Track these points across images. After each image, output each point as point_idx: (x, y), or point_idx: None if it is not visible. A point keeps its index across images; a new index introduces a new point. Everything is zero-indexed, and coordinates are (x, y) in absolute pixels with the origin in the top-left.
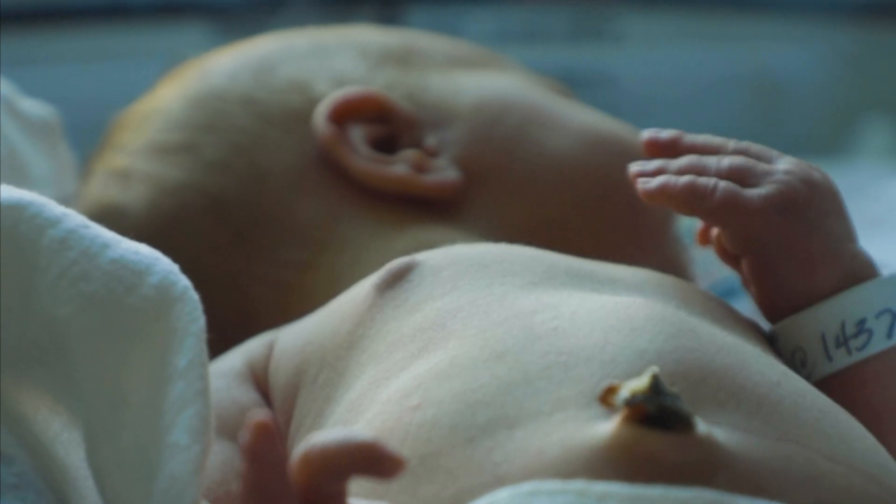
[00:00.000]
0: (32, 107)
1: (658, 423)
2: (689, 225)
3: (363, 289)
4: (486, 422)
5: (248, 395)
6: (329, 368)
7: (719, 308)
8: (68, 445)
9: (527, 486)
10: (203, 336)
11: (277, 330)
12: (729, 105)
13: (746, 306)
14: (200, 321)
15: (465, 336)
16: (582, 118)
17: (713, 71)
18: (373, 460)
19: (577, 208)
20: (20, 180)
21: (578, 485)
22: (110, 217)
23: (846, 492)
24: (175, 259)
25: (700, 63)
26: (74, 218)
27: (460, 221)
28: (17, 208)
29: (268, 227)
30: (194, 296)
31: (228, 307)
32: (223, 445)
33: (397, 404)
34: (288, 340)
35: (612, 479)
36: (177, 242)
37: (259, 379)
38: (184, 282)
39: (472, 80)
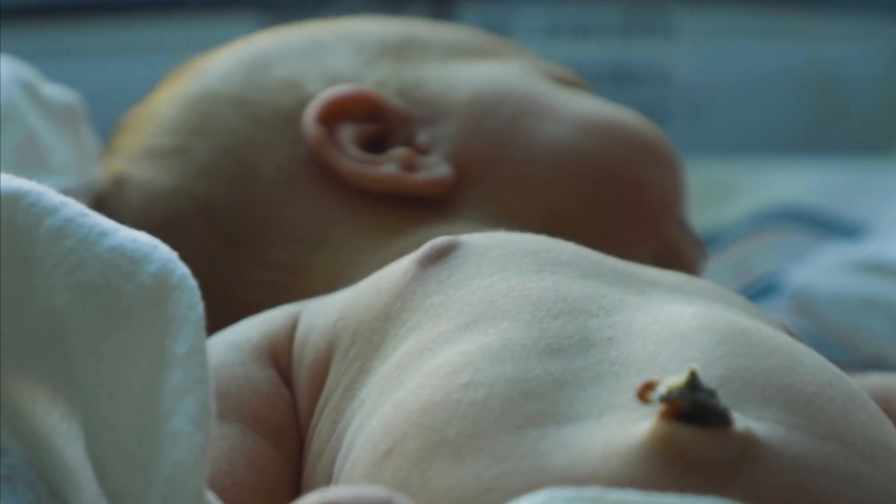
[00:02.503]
0: (55, 92)
1: (696, 419)
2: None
3: (402, 264)
4: (536, 413)
5: (263, 372)
6: (363, 341)
7: (753, 309)
8: (67, 436)
9: (542, 495)
10: (202, 323)
11: (298, 304)
12: (783, 101)
13: (782, 305)
14: (199, 308)
15: (519, 319)
16: (578, 106)
17: (766, 66)
18: None
19: (574, 197)
20: (40, 166)
21: (592, 492)
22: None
23: (884, 495)
24: None
25: (753, 58)
26: (73, 206)
27: (457, 217)
28: (15, 197)
29: (259, 231)
30: (193, 283)
31: (223, 311)
32: (232, 429)
33: (445, 379)
34: (317, 316)
35: (649, 475)
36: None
37: (278, 354)
38: (182, 269)
39: (469, 71)
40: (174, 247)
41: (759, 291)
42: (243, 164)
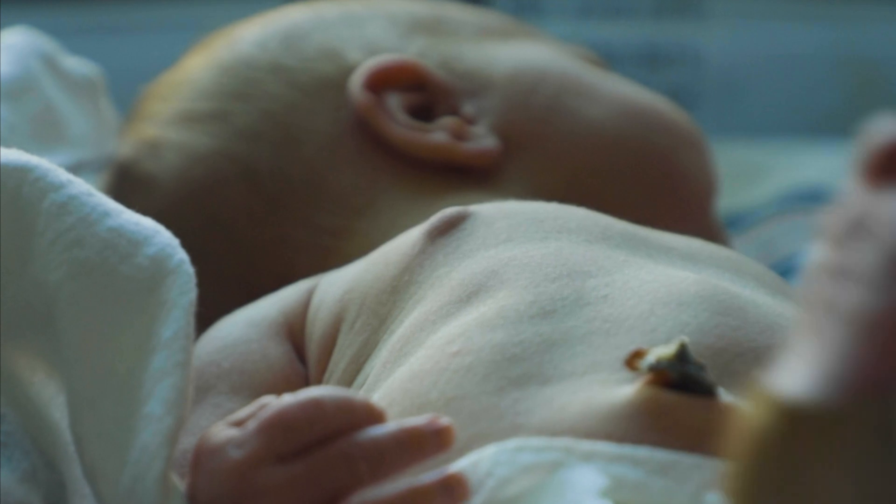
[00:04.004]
0: (75, 65)
1: (683, 391)
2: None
3: (411, 236)
4: (520, 375)
5: (279, 348)
6: (368, 313)
7: (774, 282)
8: (63, 409)
9: (512, 443)
10: (192, 310)
11: (314, 278)
12: (816, 83)
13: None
14: (191, 294)
15: (516, 287)
16: (618, 88)
17: (800, 48)
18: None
19: (613, 178)
20: (57, 137)
21: (565, 442)
22: (140, 187)
23: None
24: (209, 226)
25: (786, 39)
26: (79, 185)
27: (497, 189)
28: (23, 171)
29: (303, 194)
30: (189, 269)
31: (264, 273)
32: (244, 403)
33: (439, 349)
34: (327, 290)
35: (628, 435)
36: (210, 210)
37: (294, 330)
38: (181, 255)
39: (505, 49)
40: (216, 208)
41: (779, 273)
42: (286, 129)
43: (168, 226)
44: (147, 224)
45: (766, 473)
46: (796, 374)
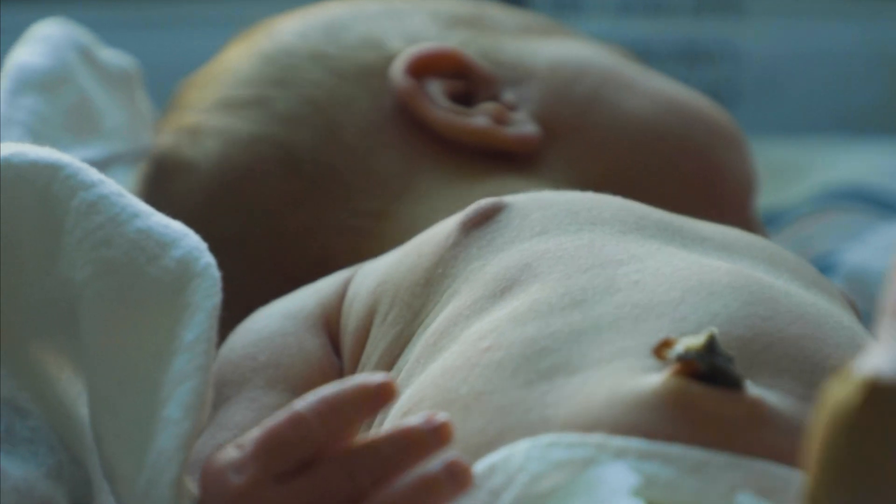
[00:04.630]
0: (111, 57)
1: (709, 382)
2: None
3: (445, 227)
4: (549, 367)
5: (315, 341)
6: (401, 306)
7: (810, 275)
8: None
9: (545, 438)
10: (216, 314)
11: (351, 269)
12: (859, 83)
13: (836, 284)
14: (215, 298)
15: (549, 280)
16: (659, 84)
17: (840, 45)
18: (368, 397)
19: (651, 171)
20: (91, 129)
21: (597, 438)
22: (181, 172)
23: None
24: (248, 211)
25: (827, 37)
26: (110, 185)
27: (536, 177)
28: (53, 168)
29: (342, 178)
30: (215, 273)
31: (302, 258)
32: (282, 398)
33: (471, 345)
34: (361, 282)
35: (656, 427)
36: (249, 194)
37: (331, 322)
38: (207, 258)
39: (546, 44)
40: (255, 192)
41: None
42: (326, 114)
43: (206, 211)
44: (176, 227)
45: (858, 453)
46: (885, 356)
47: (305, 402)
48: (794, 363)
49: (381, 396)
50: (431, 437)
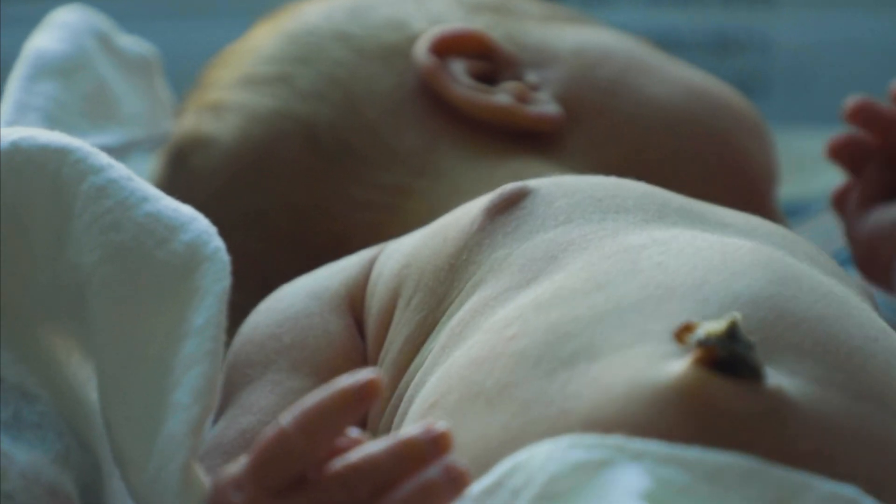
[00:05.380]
0: (130, 43)
1: (729, 369)
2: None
3: (470, 211)
4: (571, 354)
5: (340, 322)
6: (425, 291)
7: (828, 265)
8: None
9: (565, 441)
10: (225, 297)
11: (376, 248)
12: (890, 73)
13: (856, 276)
14: (225, 282)
15: (573, 269)
16: (682, 71)
17: (870, 35)
18: (353, 399)
19: (673, 157)
20: (109, 116)
21: (616, 440)
22: (201, 147)
23: None
24: (268, 185)
25: (859, 28)
26: (119, 170)
27: (557, 158)
28: (63, 152)
29: (363, 155)
30: (224, 257)
31: (322, 234)
32: (304, 382)
33: (496, 334)
34: (385, 263)
35: (672, 422)
36: (270, 170)
37: (355, 302)
38: (217, 242)
39: (571, 30)
40: (276, 167)
41: (841, 262)
42: (348, 91)
43: (227, 186)
44: (185, 210)
45: None
46: None
47: (289, 416)
48: (817, 345)
49: (366, 396)
50: (431, 447)
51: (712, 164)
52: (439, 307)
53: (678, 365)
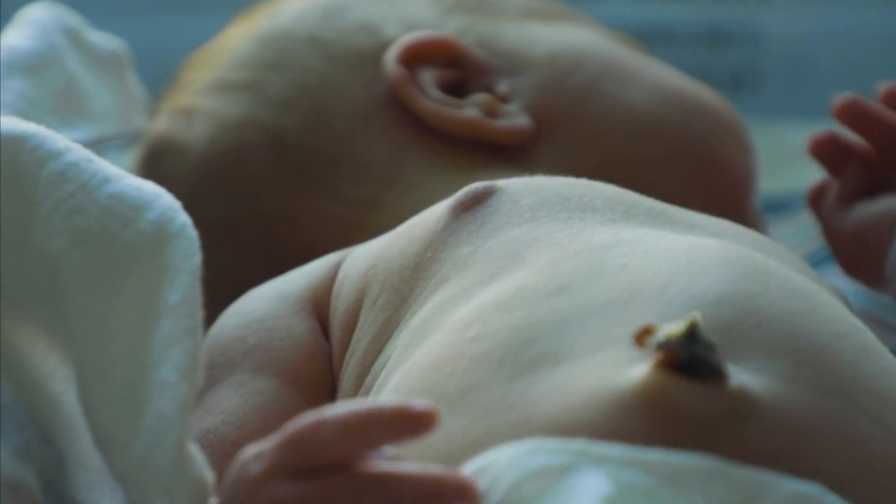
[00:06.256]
0: (100, 40)
1: (691, 371)
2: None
3: (436, 211)
4: (533, 359)
5: (305, 324)
6: (391, 290)
7: (798, 264)
8: (65, 382)
9: (528, 445)
10: (198, 273)
11: (342, 251)
12: (884, 65)
13: (834, 281)
14: (195, 258)
15: (537, 267)
16: (659, 74)
17: (864, 27)
18: (405, 423)
19: (648, 163)
20: (79, 112)
21: (578, 445)
22: (172, 154)
23: (884, 459)
24: (235, 195)
25: (852, 20)
26: (78, 152)
27: (528, 169)
28: (20, 139)
29: (331, 165)
30: (192, 233)
31: (289, 244)
32: (269, 384)
33: (457, 334)
34: (351, 265)
35: (634, 426)
36: (237, 179)
37: (320, 305)
38: (182, 218)
39: (547, 31)
40: (243, 177)
41: (822, 259)
42: (317, 100)
43: (195, 193)
44: (148, 188)
45: None
46: None
47: (337, 410)
48: (784, 342)
49: (420, 423)
50: (455, 493)
51: (688, 169)
52: (403, 305)
53: (639, 369)
